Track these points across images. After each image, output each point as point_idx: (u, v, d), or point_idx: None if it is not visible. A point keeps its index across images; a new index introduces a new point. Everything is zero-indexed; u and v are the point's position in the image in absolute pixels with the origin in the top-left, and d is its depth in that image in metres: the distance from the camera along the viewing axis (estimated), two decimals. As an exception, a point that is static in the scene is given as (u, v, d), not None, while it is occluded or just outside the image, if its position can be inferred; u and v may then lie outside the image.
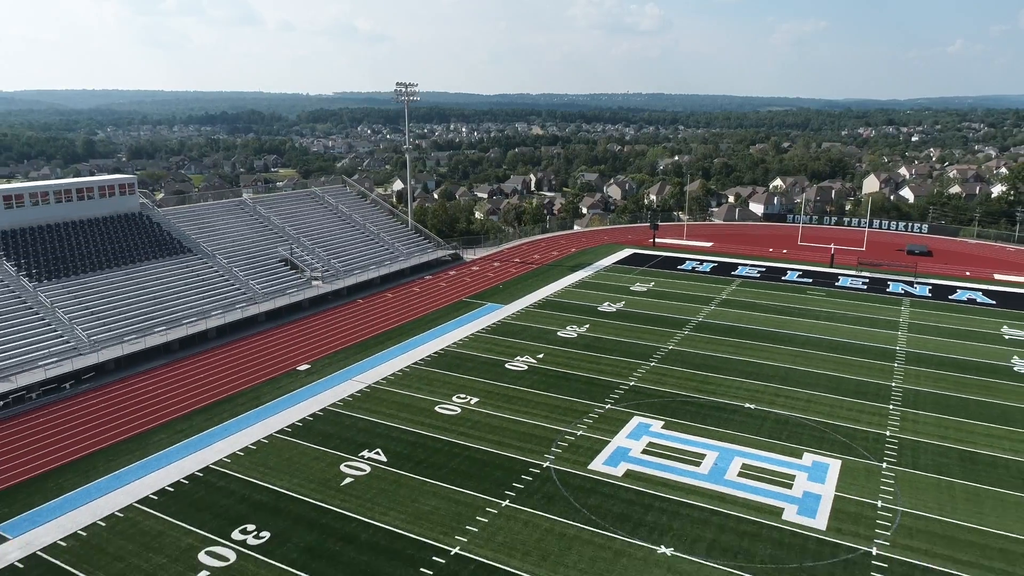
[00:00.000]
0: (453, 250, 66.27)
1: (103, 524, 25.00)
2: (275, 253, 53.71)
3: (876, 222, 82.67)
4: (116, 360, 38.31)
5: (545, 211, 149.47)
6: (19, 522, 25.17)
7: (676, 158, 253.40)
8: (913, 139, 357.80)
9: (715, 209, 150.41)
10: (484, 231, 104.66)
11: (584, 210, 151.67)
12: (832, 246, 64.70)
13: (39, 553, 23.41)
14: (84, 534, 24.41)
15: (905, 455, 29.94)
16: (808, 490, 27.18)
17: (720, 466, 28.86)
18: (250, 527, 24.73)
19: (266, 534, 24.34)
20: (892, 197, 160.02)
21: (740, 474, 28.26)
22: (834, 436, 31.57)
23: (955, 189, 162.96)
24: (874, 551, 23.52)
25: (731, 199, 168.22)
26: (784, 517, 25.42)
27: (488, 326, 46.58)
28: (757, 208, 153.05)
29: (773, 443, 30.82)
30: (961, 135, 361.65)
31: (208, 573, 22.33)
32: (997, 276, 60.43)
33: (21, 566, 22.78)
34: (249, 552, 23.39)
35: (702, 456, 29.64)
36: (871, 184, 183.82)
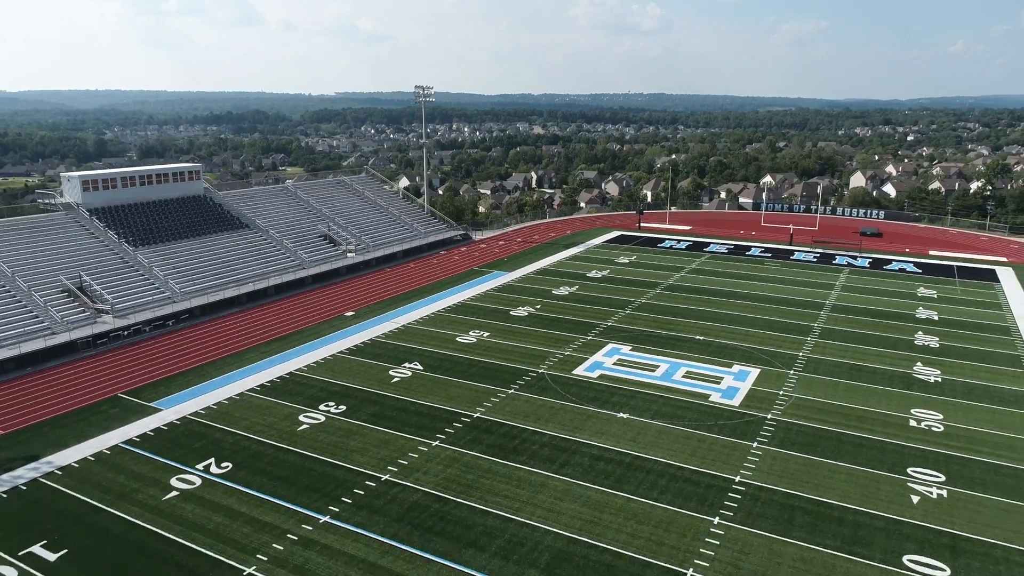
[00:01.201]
0: (463, 231, 77.11)
1: (226, 402, 35.74)
2: (316, 229, 64.54)
3: (840, 209, 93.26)
4: (202, 307, 49.07)
5: (545, 205, 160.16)
6: (166, 401, 35.88)
7: (673, 156, 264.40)
8: (909, 138, 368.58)
9: (707, 203, 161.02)
10: (488, 221, 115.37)
11: (583, 204, 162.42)
12: (791, 227, 75.47)
13: (188, 416, 34.13)
14: (215, 407, 35.14)
15: (810, 366, 40.62)
16: (731, 385, 37.88)
17: (669, 372, 39.57)
18: (331, 403, 35.44)
19: (343, 407, 35.04)
20: (875, 192, 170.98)
21: (684, 376, 38.96)
22: (759, 355, 42.27)
23: (935, 185, 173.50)
24: (768, 416, 34.20)
25: (723, 195, 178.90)
26: (710, 399, 36.08)
27: (496, 287, 57.36)
28: (747, 202, 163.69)
29: (712, 358, 41.55)
30: (956, 134, 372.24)
31: (308, 426, 33.04)
32: (932, 252, 71.10)
33: (178, 422, 33.50)
34: (333, 416, 34.10)
35: (657, 366, 40.36)
36: (857, 180, 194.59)
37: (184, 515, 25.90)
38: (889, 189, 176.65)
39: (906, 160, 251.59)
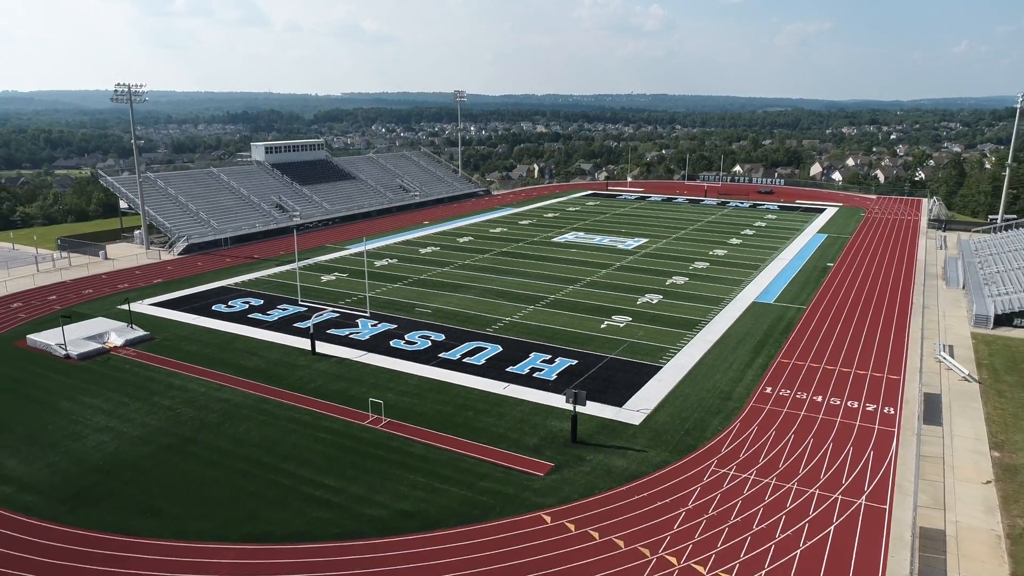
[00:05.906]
0: (485, 188, 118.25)
1: (378, 248, 76.70)
2: (395, 182, 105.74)
3: (755, 178, 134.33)
4: (341, 217, 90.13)
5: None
6: (351, 246, 76.85)
7: (663, 151, 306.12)
8: (892, 137, 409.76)
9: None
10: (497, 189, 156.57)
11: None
12: (705, 185, 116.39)
13: (376, 250, 75.18)
14: (375, 249, 76.10)
15: (672, 240, 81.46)
16: (630, 243, 78.82)
17: (601, 240, 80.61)
18: (432, 247, 76.43)
19: (438, 248, 76.03)
20: (823, 179, 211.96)
21: (608, 241, 79.91)
22: (653, 235, 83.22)
23: (876, 172, 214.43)
24: (641, 252, 75.07)
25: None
26: (617, 248, 76.96)
27: (509, 213, 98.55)
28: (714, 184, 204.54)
29: (625, 236, 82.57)
30: (935, 133, 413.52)
31: (425, 252, 73.96)
32: (799, 201, 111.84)
33: (377, 248, 74.48)
34: (434, 250, 75.08)
35: (595, 238, 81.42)
36: (815, 169, 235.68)
37: (385, 269, 66.91)
38: (837, 176, 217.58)
39: (872, 153, 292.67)
